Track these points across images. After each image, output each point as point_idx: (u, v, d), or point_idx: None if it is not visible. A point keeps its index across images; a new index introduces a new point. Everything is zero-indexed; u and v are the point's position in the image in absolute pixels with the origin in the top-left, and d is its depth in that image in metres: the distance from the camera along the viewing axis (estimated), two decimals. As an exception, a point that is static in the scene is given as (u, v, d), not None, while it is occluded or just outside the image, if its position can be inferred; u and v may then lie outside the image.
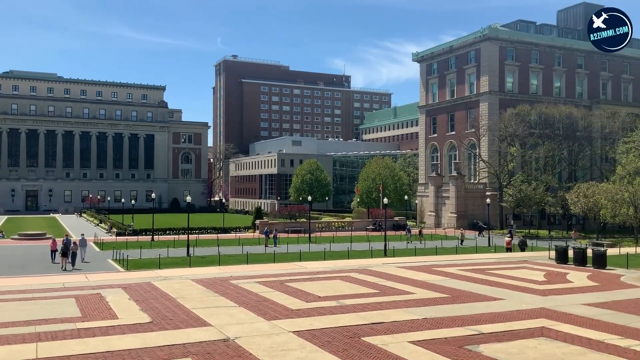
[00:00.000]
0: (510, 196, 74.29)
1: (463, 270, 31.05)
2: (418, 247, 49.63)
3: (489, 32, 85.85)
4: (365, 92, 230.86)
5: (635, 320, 18.35)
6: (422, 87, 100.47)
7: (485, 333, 16.48)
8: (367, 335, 16.28)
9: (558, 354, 14.33)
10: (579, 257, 33.25)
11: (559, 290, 24.66)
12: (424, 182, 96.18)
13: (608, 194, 63.17)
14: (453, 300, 22.05)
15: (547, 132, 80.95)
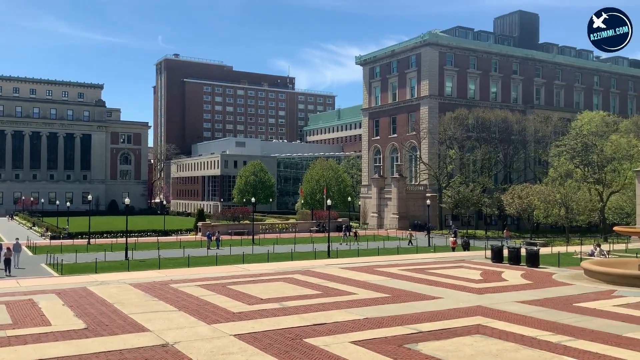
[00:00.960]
0: (449, 197, 76.33)
1: (404, 270, 31.63)
2: (361, 249, 50.19)
3: (429, 38, 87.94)
4: (310, 94, 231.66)
5: (565, 317, 19.17)
6: (365, 90, 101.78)
7: (424, 331, 16.84)
8: (309, 336, 16.31)
9: (493, 351, 14.80)
10: (514, 257, 34.50)
11: (495, 288, 25.50)
12: (367, 184, 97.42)
13: (541, 195, 65.93)
14: (394, 299, 22.41)
15: (484, 135, 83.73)
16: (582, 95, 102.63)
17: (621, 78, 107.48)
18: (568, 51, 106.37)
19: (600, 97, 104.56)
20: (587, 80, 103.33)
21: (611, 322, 18.37)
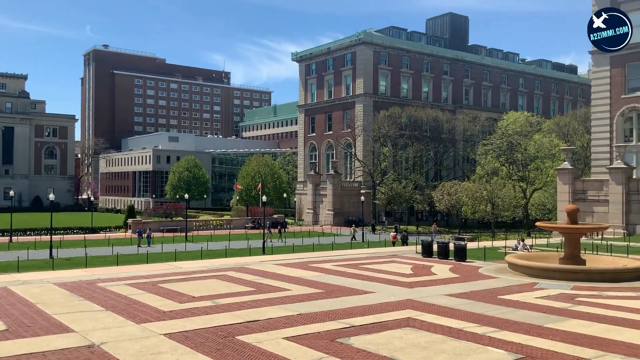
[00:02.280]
0: (383, 194, 77.81)
1: (338, 266, 31.95)
2: (296, 245, 50.30)
3: (364, 37, 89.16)
4: (246, 89, 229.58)
5: (491, 309, 19.94)
6: (301, 86, 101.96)
7: (356, 326, 17.08)
8: (242, 333, 16.19)
9: (422, 343, 15.21)
10: (442, 251, 35.60)
11: (424, 282, 26.21)
12: (303, 180, 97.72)
13: (469, 192, 68.39)
14: (327, 295, 22.59)
15: (416, 133, 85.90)
16: (508, 96, 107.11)
17: (545, 80, 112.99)
18: (495, 53, 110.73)
19: (525, 98, 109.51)
20: (513, 81, 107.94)
21: (533, 313, 19.27)
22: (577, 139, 78.20)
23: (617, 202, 52.46)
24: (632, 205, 51.97)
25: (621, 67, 61.84)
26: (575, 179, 56.73)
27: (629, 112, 61.72)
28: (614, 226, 51.15)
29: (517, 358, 13.91)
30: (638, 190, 51.81)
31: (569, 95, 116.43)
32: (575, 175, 57.35)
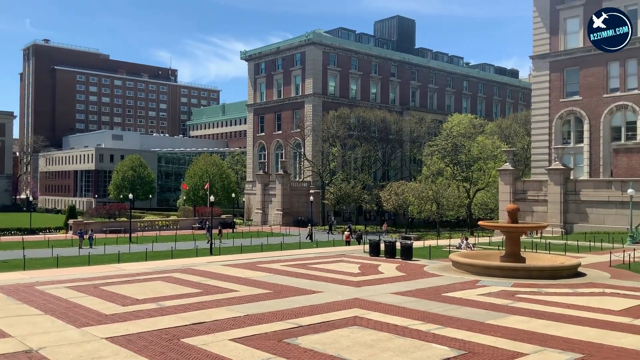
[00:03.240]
0: (332, 194, 78.25)
1: (286, 266, 31.91)
2: (245, 245, 49.91)
3: (314, 37, 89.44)
4: (193, 88, 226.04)
5: (435, 306, 20.39)
6: (250, 85, 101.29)
7: (303, 325, 17.11)
8: (188, 336, 15.94)
9: (368, 341, 15.39)
10: (389, 250, 36.12)
11: (372, 281, 26.52)
12: (252, 180, 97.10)
13: (415, 192, 69.70)
14: (275, 295, 22.53)
15: (365, 134, 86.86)
16: (453, 98, 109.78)
17: (488, 84, 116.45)
18: (441, 57, 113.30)
19: (469, 101, 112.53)
20: (457, 84, 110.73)
21: (475, 310, 19.82)
22: (518, 141, 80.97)
23: (555, 202, 54.62)
24: (570, 205, 54.25)
25: (560, 72, 64.51)
26: (516, 179, 58.70)
27: (567, 115, 64.44)
28: (553, 225, 53.23)
29: (460, 354, 14.27)
30: (575, 191, 54.13)
31: (510, 99, 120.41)
32: (516, 176, 59.34)
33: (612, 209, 51.44)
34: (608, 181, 53.61)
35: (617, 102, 60.34)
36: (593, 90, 61.83)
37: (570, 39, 64.08)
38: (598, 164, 61.48)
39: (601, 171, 60.73)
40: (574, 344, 15.31)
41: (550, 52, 64.96)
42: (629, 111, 59.87)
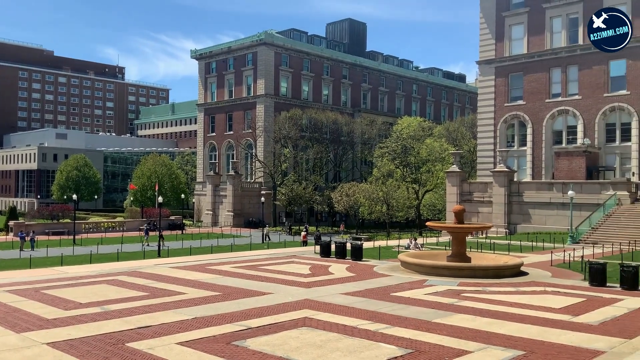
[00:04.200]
0: (283, 195, 78.14)
1: (236, 268, 31.64)
2: (194, 247, 49.17)
3: (265, 38, 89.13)
4: (141, 86, 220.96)
5: (384, 306, 20.65)
6: (200, 85, 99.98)
7: (253, 327, 17.00)
8: (133, 340, 15.57)
9: (317, 342, 15.44)
10: (340, 251, 36.36)
11: (322, 282, 26.62)
12: (202, 181, 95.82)
13: (366, 193, 70.46)
14: (224, 297, 22.30)
15: (316, 135, 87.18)
16: (403, 101, 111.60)
17: (436, 88, 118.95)
18: (391, 60, 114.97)
19: (418, 104, 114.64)
20: (407, 88, 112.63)
21: (422, 309, 20.19)
22: (464, 144, 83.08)
23: (499, 203, 56.32)
24: (513, 206, 56.06)
25: (505, 77, 66.61)
26: (462, 181, 60.22)
27: (511, 119, 66.58)
28: (497, 225, 54.88)
29: (407, 353, 14.50)
30: (518, 192, 55.97)
31: (458, 103, 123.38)
32: (463, 178, 60.88)
33: (553, 210, 53.47)
34: (550, 183, 55.71)
35: (558, 107, 62.79)
36: (536, 95, 64.12)
37: (515, 45, 66.26)
38: (540, 166, 63.79)
39: (543, 173, 63.05)
40: (517, 341, 15.81)
41: (496, 57, 66.99)
42: (569, 116, 62.39)
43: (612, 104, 59.07)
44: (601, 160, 59.71)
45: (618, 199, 50.29)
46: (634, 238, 42.68)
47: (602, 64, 59.58)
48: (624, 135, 58.95)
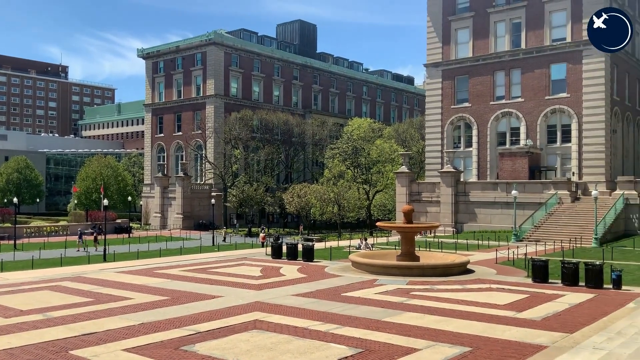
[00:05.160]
0: (234, 196, 77.42)
1: (186, 271, 31.13)
2: (142, 250, 48.03)
3: (215, 37, 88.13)
4: (86, 85, 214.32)
5: (334, 306, 20.75)
6: (148, 84, 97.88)
7: (202, 332, 16.76)
8: (77, 348, 15.08)
9: (268, 344, 15.36)
10: (291, 252, 36.33)
11: (273, 283, 26.52)
12: (150, 183, 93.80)
13: (317, 194, 70.69)
14: (173, 302, 21.89)
15: (267, 136, 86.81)
16: (353, 103, 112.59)
17: (386, 90, 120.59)
18: (342, 62, 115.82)
19: (368, 106, 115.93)
20: (357, 89, 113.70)
21: (372, 308, 20.41)
22: (413, 145, 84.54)
23: (447, 202, 57.59)
24: (460, 205, 57.43)
25: (451, 79, 68.16)
26: (411, 181, 61.27)
27: (458, 121, 68.21)
28: (445, 225, 56.11)
29: (357, 352, 14.62)
30: (465, 192, 57.38)
31: (406, 104, 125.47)
32: (412, 178, 61.94)
33: (498, 209, 55.10)
34: (494, 183, 57.38)
35: (502, 109, 64.74)
36: (481, 97, 65.92)
37: (461, 48, 67.92)
38: (485, 167, 65.60)
39: (488, 174, 64.87)
40: (463, 337, 16.19)
41: (443, 60, 68.49)
42: (513, 118, 64.43)
43: (553, 106, 61.38)
44: (543, 161, 61.93)
45: (559, 198, 52.29)
46: (574, 235, 44.49)
47: (544, 68, 61.85)
48: (564, 136, 61.34)
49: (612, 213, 47.33)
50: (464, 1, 67.75)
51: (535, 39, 62.52)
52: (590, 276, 24.92)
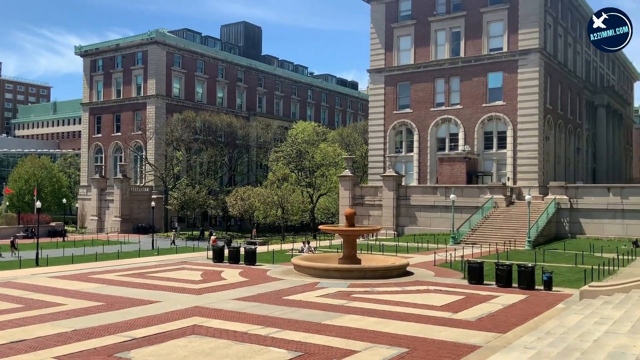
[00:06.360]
0: (176, 199, 75.90)
1: (122, 276, 30.29)
2: (76, 255, 46.34)
3: (157, 36, 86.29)
4: (20, 82, 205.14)
5: (275, 310, 20.70)
6: (86, 83, 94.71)
7: (138, 338, 16.35)
8: (4, 356, 14.40)
9: (206, 350, 15.15)
10: (233, 256, 35.98)
11: (214, 287, 26.18)
12: (87, 185, 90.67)
13: (261, 197, 70.28)
14: (108, 307, 21.25)
15: (211, 138, 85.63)
16: (298, 106, 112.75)
17: (330, 94, 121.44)
18: (287, 65, 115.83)
19: (313, 109, 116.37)
20: (302, 93, 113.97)
21: (313, 311, 20.49)
22: (357, 149, 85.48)
23: (389, 206, 58.57)
24: (401, 209, 58.52)
25: (393, 85, 69.45)
26: (354, 185, 61.96)
27: (400, 126, 69.54)
28: (387, 228, 57.02)
29: (297, 356, 14.64)
30: (406, 196, 58.53)
31: (351, 109, 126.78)
32: (355, 182, 62.64)
33: (437, 212, 56.50)
34: (434, 187, 58.83)
35: (442, 115, 66.49)
36: (422, 104, 67.47)
37: (402, 55, 69.33)
38: (426, 171, 67.17)
39: (428, 178, 66.45)
40: (401, 339, 16.49)
41: (385, 67, 69.70)
42: (452, 124, 66.28)
43: (490, 113, 63.57)
44: (480, 166, 64.01)
45: (495, 202, 54.16)
46: (509, 238, 46.18)
47: (481, 76, 63.98)
48: (500, 142, 63.61)
49: (545, 217, 49.42)
50: (406, 9, 69.21)
51: (474, 48, 64.59)
52: (522, 278, 25.92)
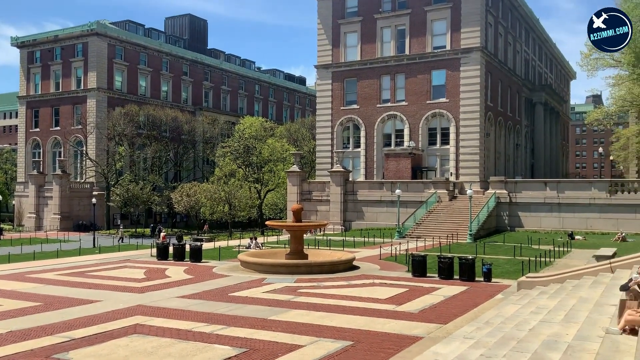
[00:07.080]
0: (118, 196, 73.96)
1: (61, 275, 29.27)
2: (13, 254, 44.41)
3: (97, 28, 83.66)
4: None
5: (220, 307, 20.50)
6: (22, 75, 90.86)
7: (76, 338, 15.86)
8: None
9: (148, 349, 14.85)
10: (178, 253, 35.38)
11: (157, 286, 25.67)
12: (24, 181, 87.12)
13: (208, 193, 69.44)
14: (46, 308, 20.50)
15: (155, 133, 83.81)
16: (245, 101, 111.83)
17: (278, 89, 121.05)
18: (234, 59, 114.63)
19: (260, 105, 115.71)
20: (250, 88, 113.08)
21: (259, 307, 20.42)
22: (305, 145, 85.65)
23: (336, 201, 59.00)
24: (348, 204, 59.07)
25: (341, 82, 69.89)
26: (302, 181, 62.07)
27: (347, 122, 70.10)
28: (334, 223, 57.46)
29: (241, 352, 14.57)
30: (353, 191, 59.11)
31: (298, 104, 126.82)
32: (303, 178, 62.76)
33: (383, 207, 57.36)
34: (380, 182, 59.68)
35: (388, 111, 67.46)
36: (368, 100, 68.24)
37: (349, 52, 69.85)
38: (373, 167, 68.03)
39: (375, 173, 67.33)
40: (345, 332, 16.68)
41: (333, 63, 70.06)
42: (397, 120, 67.36)
43: (434, 110, 64.95)
44: (424, 162, 65.37)
45: (438, 197, 55.46)
46: (451, 232, 47.41)
47: (426, 74, 65.26)
48: (443, 139, 65.13)
49: (485, 211, 51.02)
50: (352, 5, 69.73)
51: (419, 46, 65.80)
52: (463, 270, 26.67)
